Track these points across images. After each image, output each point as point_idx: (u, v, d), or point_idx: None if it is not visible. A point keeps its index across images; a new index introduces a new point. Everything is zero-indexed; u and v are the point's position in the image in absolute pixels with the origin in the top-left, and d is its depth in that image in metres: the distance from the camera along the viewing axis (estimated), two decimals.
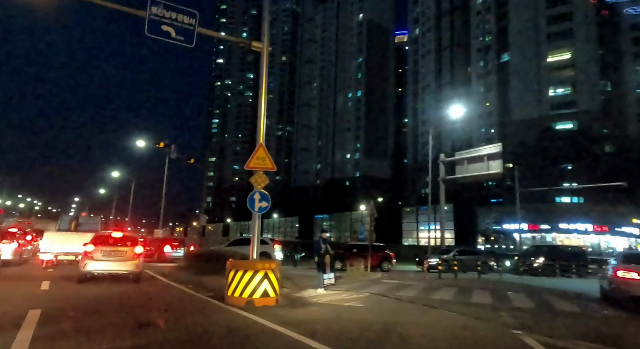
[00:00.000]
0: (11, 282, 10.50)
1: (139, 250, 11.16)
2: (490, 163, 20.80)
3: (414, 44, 79.06)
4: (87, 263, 10.45)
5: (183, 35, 9.09)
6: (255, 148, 9.51)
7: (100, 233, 11.64)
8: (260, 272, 7.78)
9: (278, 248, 19.18)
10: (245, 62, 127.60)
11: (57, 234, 15.32)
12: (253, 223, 9.40)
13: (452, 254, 19.96)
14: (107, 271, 10.67)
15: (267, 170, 9.51)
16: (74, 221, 17.58)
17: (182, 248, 21.31)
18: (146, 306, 7.43)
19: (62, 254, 14.53)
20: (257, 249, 9.17)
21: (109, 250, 10.71)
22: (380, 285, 11.33)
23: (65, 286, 9.86)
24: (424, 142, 71.27)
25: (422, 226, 48.78)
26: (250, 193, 9.27)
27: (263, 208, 9.23)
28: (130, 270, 10.82)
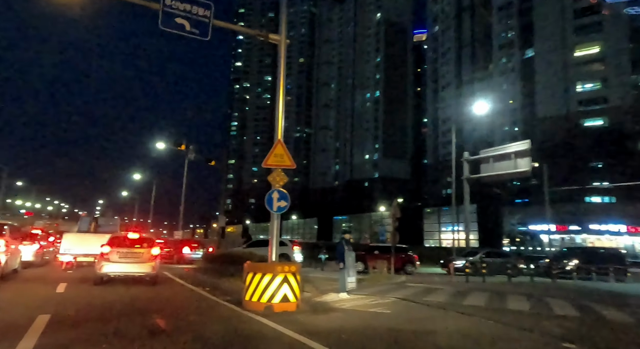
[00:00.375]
0: (29, 284, 10.35)
1: (156, 251, 10.88)
2: (518, 161, 19.80)
3: (433, 42, 77.70)
4: (104, 265, 10.22)
5: (198, 28, 8.75)
6: (274, 143, 9.06)
7: (117, 235, 11.43)
8: (280, 275, 7.30)
9: (297, 250, 18.73)
10: (264, 64, 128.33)
11: (76, 235, 15.26)
12: (272, 223, 8.96)
13: (478, 256, 19.08)
14: (123, 273, 10.42)
15: (286, 168, 9.06)
16: (94, 223, 17.53)
17: (201, 249, 21.11)
18: (160, 311, 7.05)
19: (81, 256, 14.44)
20: (276, 251, 8.72)
21: (125, 251, 10.46)
22: (405, 289, 10.71)
23: (81, 289, 9.62)
24: (445, 142, 69.85)
25: (443, 227, 47.63)
26: (269, 192, 8.84)
27: (282, 207, 8.77)
28: (147, 272, 10.54)
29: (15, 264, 12.97)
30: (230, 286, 9.81)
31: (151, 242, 11.21)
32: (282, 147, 9.04)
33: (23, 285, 9.99)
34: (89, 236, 14.95)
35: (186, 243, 21.62)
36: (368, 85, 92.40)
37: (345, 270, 8.60)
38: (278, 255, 8.86)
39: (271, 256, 8.57)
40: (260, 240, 19.86)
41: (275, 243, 8.79)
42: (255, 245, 18.91)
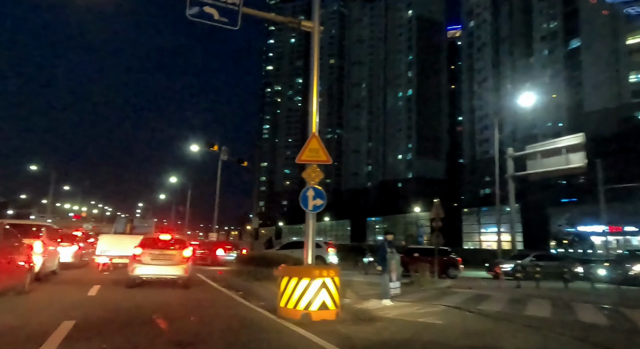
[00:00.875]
0: (63, 286, 10.24)
1: (187, 253, 10.51)
2: (570, 157, 18.27)
3: (469, 37, 75.04)
4: (136, 267, 9.94)
5: (227, 17, 8.28)
6: (307, 140, 8.43)
7: (149, 236, 11.17)
8: (318, 280, 6.64)
9: (332, 252, 18.05)
10: (295, 67, 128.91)
11: (111, 237, 15.29)
12: (307, 223, 8.32)
13: (528, 259, 17.66)
14: (155, 275, 10.10)
15: (321, 164, 8.41)
16: (129, 224, 17.62)
17: (235, 251, 20.85)
18: (190, 318, 6.56)
19: (116, 257, 14.40)
20: (312, 253, 8.08)
21: (157, 253, 10.14)
22: (453, 296, 9.78)
23: (113, 292, 9.36)
24: (482, 140, 67.16)
25: (483, 228, 45.52)
26: (303, 190, 8.22)
27: (318, 206, 8.11)
28: (179, 274, 10.18)
29: (54, 265, 13.04)
30: (264, 291, 9.26)
31: (183, 244, 10.86)
32: (317, 140, 8.39)
33: (57, 287, 9.86)
34: (124, 238, 14.91)
35: (220, 245, 21.46)
36: (400, 84, 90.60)
37: (388, 275, 7.83)
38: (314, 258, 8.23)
39: (307, 258, 7.93)
40: (294, 242, 19.33)
41: (311, 244, 8.15)
42: (289, 247, 18.40)
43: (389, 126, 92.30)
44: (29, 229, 11.55)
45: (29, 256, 8.48)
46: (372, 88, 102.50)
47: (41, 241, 11.27)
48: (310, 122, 8.67)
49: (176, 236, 11.30)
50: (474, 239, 46.21)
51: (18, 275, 7.87)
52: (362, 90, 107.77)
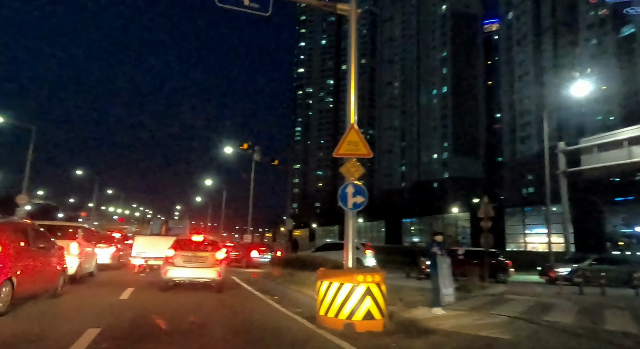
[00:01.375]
0: (97, 288, 10.05)
1: (220, 255, 10.06)
2: (633, 150, 16.53)
3: (507, 30, 71.83)
4: (168, 270, 9.60)
5: (258, 2, 7.74)
6: (345, 132, 7.73)
7: (181, 237, 10.84)
8: (362, 286, 5.91)
9: (370, 254, 17.23)
10: (326, 68, 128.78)
11: (147, 238, 15.22)
12: (346, 223, 7.62)
13: (587, 263, 16.08)
14: (188, 278, 9.72)
15: (361, 157, 7.69)
16: (165, 226, 17.57)
17: (269, 253, 20.45)
18: (222, 327, 6.02)
19: (152, 259, 14.26)
20: (353, 255, 7.37)
21: (189, 255, 9.76)
22: (511, 304, 8.75)
23: (146, 295, 9.03)
24: (523, 136, 64.00)
25: (528, 229, 43.08)
26: (342, 187, 7.53)
27: (358, 204, 7.40)
28: (213, 277, 9.74)
29: (91, 267, 13.02)
30: (301, 296, 8.62)
31: (216, 245, 10.44)
32: (356, 132, 7.68)
33: (91, 290, 9.67)
34: (159, 239, 14.78)
35: (254, 246, 21.14)
36: (434, 82, 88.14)
37: (440, 280, 6.99)
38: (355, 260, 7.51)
39: (347, 261, 7.24)
40: (330, 244, 18.68)
41: (352, 246, 7.45)
42: (325, 248, 17.76)
43: (423, 125, 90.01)
44: (66, 230, 11.53)
45: (61, 258, 8.27)
46: (405, 87, 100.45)
47: (77, 242, 11.20)
48: (348, 113, 7.96)
49: (209, 238, 10.92)
50: (517, 240, 43.83)
51: (50, 277, 7.64)
52: (394, 89, 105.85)
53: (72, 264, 10.83)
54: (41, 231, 7.81)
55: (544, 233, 39.02)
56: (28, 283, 6.65)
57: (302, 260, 13.13)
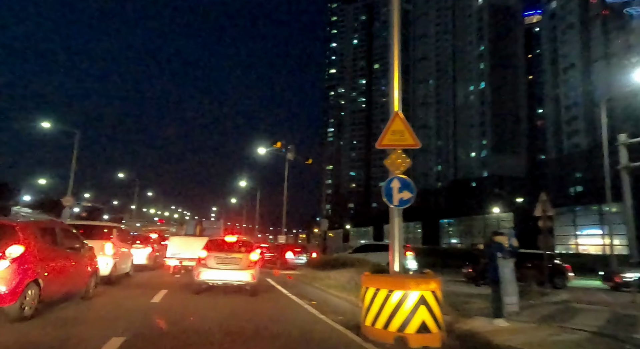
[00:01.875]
0: (130, 290, 9.76)
1: (255, 256, 9.52)
2: None
3: (550, 21, 68.05)
4: (201, 272, 9.16)
5: None
6: (390, 119, 6.96)
7: (214, 238, 10.40)
8: (415, 292, 5.13)
9: (411, 256, 16.28)
10: (358, 68, 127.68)
11: (181, 239, 15.00)
12: (392, 222, 6.85)
13: None
14: (221, 281, 9.24)
15: (408, 148, 6.90)
16: (199, 226, 17.37)
17: (304, 254, 19.87)
18: (257, 337, 5.40)
19: (186, 259, 13.98)
20: (400, 257, 6.59)
21: (222, 256, 9.28)
22: (584, 315, 7.62)
23: (178, 298, 8.62)
24: (570, 132, 60.35)
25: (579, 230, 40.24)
26: (386, 182, 6.77)
27: (405, 200, 6.62)
28: (247, 280, 9.22)
29: (127, 267, 12.88)
30: (341, 302, 7.91)
31: (250, 246, 9.92)
32: (401, 120, 6.90)
33: (124, 292, 9.39)
34: (193, 240, 14.50)
35: (289, 247, 20.62)
36: (471, 77, 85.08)
37: (502, 286, 6.07)
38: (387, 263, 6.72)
39: (394, 264, 6.46)
40: (369, 245, 17.86)
41: (398, 247, 6.68)
42: (362, 250, 16.97)
43: (460, 122, 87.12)
44: (100, 230, 11.39)
45: (92, 259, 7.98)
46: (440, 84, 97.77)
47: (112, 242, 11.02)
48: (391, 99, 7.19)
49: (243, 239, 10.43)
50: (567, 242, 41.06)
51: (80, 279, 7.33)
52: (429, 87, 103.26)
53: (106, 265, 10.66)
54: (71, 231, 7.53)
55: (598, 235, 36.37)
56: (56, 285, 6.33)
57: (340, 262, 12.43)
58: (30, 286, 5.64)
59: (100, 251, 10.72)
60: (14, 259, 5.45)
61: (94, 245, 10.75)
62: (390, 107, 7.14)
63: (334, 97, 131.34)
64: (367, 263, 10.70)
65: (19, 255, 5.52)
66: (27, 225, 5.97)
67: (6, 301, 5.31)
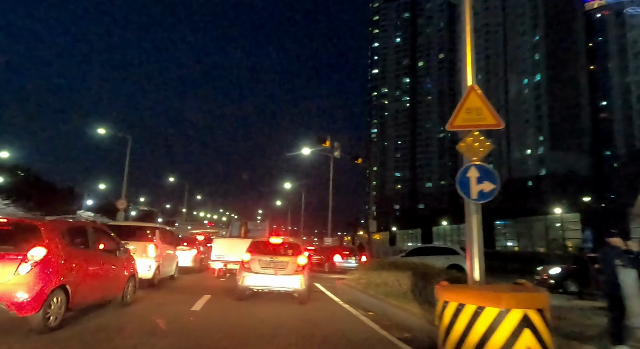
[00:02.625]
0: (172, 295, 9.15)
1: (302, 260, 8.57)
2: None
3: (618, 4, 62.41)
4: (245, 276, 8.34)
5: None
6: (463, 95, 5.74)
7: (258, 240, 9.57)
8: (516, 312, 3.89)
9: None
10: (401, 66, 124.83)
11: (226, 241, 14.40)
12: (469, 218, 5.61)
13: None
14: (267, 287, 8.38)
15: (488, 129, 5.64)
16: (244, 227, 16.77)
17: (353, 257, 18.73)
18: None
19: (231, 262, 13.35)
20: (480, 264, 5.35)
21: (267, 260, 8.41)
22: None
23: (220, 306, 7.85)
24: None
25: None
26: (460, 171, 5.57)
27: (487, 193, 5.37)
28: (295, 287, 8.29)
29: (172, 270, 12.44)
30: (403, 314, 6.75)
31: (297, 248, 8.99)
32: (477, 96, 5.66)
33: (165, 297, 8.77)
34: (237, 242, 13.85)
35: (337, 250, 19.54)
36: (525, 70, 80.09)
37: (627, 301, 4.66)
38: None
39: (473, 272, 5.25)
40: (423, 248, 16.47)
41: (478, 251, 5.44)
42: (417, 253, 15.58)
43: (513, 118, 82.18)
44: (142, 231, 10.95)
45: (130, 262, 7.37)
46: (490, 79, 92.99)
47: (154, 244, 10.53)
48: (463, 73, 5.99)
49: (289, 240, 9.53)
50: None
51: (116, 283, 6.72)
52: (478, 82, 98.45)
53: (148, 267, 10.19)
54: (105, 231, 6.95)
55: None
56: (87, 291, 5.70)
57: (395, 266, 11.23)
58: (55, 293, 5.01)
59: (143, 253, 10.28)
60: (36, 262, 4.84)
61: (136, 247, 10.32)
62: (463, 81, 5.92)
63: (376, 97, 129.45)
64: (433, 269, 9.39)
65: (42, 258, 4.90)
66: (52, 224, 5.38)
67: (28, 310, 4.69)
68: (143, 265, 10.08)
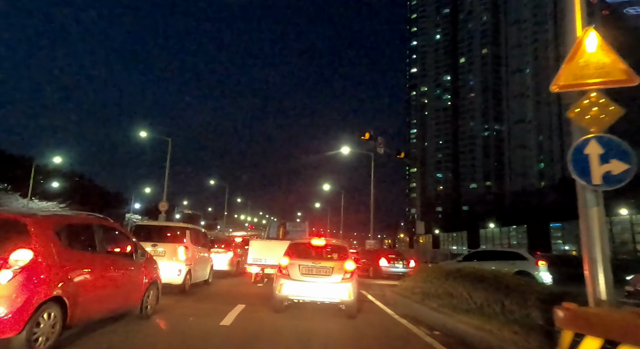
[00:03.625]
0: (202, 305, 8.08)
1: (351, 266, 7.22)
2: None
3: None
4: (282, 284, 7.10)
5: None
6: (574, 44, 4.19)
7: (297, 241, 8.30)
8: None
9: (544, 267, 12.69)
10: (441, 64, 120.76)
11: (263, 243, 13.27)
12: (585, 213, 4.09)
13: None
14: (308, 298, 7.09)
15: (618, 86, 4.06)
16: (282, 228, 15.63)
17: (401, 262, 17.08)
18: None
19: (268, 266, 12.23)
20: (606, 277, 3.79)
21: (309, 265, 7.13)
22: None
23: (255, 320, 6.64)
24: None
25: None
26: (574, 146, 4.08)
27: (616, 176, 3.85)
28: (342, 298, 6.95)
29: (205, 274, 11.48)
30: (480, 334, 5.21)
31: (343, 252, 7.63)
32: (597, 41, 4.09)
33: (193, 306, 7.70)
34: (275, 244, 12.69)
35: (383, 254, 17.90)
36: None
37: None
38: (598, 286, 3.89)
39: (596, 288, 3.73)
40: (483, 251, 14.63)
41: (603, 259, 3.89)
42: (475, 257, 13.78)
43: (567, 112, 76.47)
44: (172, 232, 10.03)
45: (150, 267, 6.32)
46: (539, 72, 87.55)
47: (184, 246, 9.56)
48: (571, 15, 4.41)
49: (332, 242, 8.17)
50: None
51: (131, 293, 5.67)
52: (525, 77, 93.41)
53: (178, 272, 9.23)
54: (118, 229, 5.93)
55: None
56: (91, 303, 4.65)
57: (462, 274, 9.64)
58: (46, 307, 3.96)
59: (173, 256, 9.33)
60: (21, 268, 3.81)
61: (165, 249, 9.40)
62: (569, 24, 4.35)
63: (415, 96, 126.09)
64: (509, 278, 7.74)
65: (29, 263, 3.87)
66: (44, 220, 4.34)
67: (8, 330, 3.65)
68: (172, 270, 9.13)
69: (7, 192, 45.13)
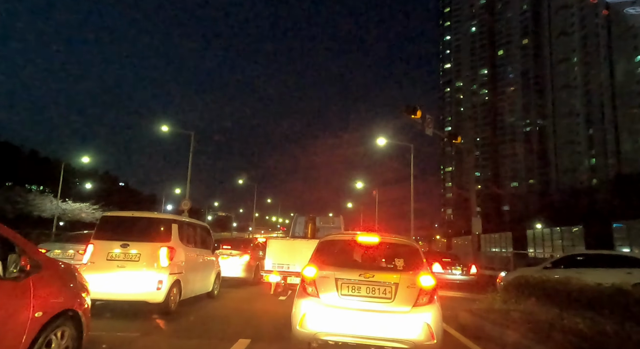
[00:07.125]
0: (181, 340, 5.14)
1: (428, 281, 4.06)
2: None
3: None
4: (307, 313, 4.01)
5: None
6: None
7: (332, 238, 5.00)
8: None
9: None
10: (476, 58, 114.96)
11: (284, 243, 10.07)
12: None
13: None
14: (352, 339, 3.95)
15: None
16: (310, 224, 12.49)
17: (459, 267, 13.62)
18: None
19: (292, 274, 9.17)
20: None
21: (353, 279, 4.01)
22: None
23: None
24: None
25: None
26: None
27: None
28: (414, 339, 3.80)
29: (207, 285, 8.46)
30: None
31: (415, 257, 4.39)
32: None
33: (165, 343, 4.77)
34: (302, 244, 9.54)
35: (435, 257, 14.26)
36: (636, 46, 67.59)
37: None
38: None
39: None
40: (581, 255, 11.02)
41: None
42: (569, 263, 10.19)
43: (621, 104, 69.96)
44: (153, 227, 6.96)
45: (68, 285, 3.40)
46: (588, 61, 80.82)
47: (168, 247, 6.66)
48: None
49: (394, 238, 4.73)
50: None
51: None
52: (572, 66, 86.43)
53: (158, 285, 6.33)
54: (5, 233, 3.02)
55: None
56: None
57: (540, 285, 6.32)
58: None
59: (153, 262, 6.46)
60: None
61: (140, 251, 6.55)
62: None
63: (450, 92, 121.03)
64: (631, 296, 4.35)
65: None
66: None
67: None
68: (148, 281, 6.26)
69: (42, 194, 45.51)
